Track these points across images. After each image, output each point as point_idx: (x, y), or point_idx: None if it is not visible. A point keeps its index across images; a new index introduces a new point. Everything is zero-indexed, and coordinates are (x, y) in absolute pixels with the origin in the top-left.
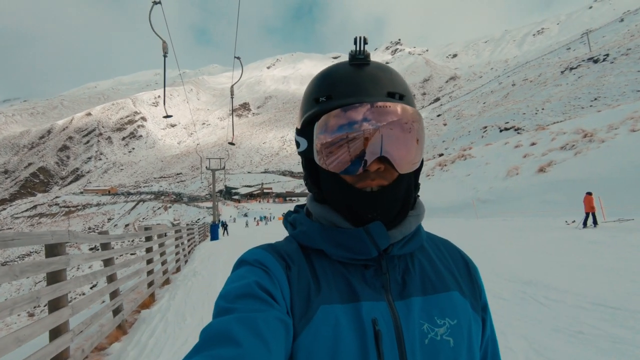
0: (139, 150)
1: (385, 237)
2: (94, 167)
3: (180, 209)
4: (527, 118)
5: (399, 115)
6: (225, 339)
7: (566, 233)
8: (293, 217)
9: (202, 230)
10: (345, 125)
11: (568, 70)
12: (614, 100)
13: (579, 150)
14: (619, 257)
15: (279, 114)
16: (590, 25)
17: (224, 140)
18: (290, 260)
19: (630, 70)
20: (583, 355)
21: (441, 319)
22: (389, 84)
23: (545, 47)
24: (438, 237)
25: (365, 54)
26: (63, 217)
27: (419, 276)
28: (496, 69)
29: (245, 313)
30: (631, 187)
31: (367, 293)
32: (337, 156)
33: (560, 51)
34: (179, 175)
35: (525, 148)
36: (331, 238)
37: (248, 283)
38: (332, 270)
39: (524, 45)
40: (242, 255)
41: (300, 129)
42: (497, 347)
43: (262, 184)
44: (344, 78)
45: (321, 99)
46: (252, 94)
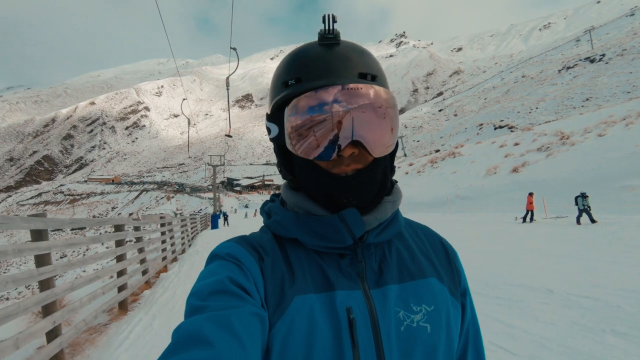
0: (142, 140)
1: (361, 224)
2: (98, 156)
3: (182, 199)
4: (521, 117)
5: (371, 97)
6: (197, 340)
7: (503, 227)
8: (269, 206)
9: (204, 219)
10: (316, 108)
11: (565, 69)
12: (605, 101)
13: (551, 153)
14: (517, 244)
15: None
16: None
17: (225, 131)
18: (264, 251)
19: (623, 71)
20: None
21: (417, 305)
22: (361, 64)
23: (550, 42)
24: (417, 223)
25: (335, 32)
26: (68, 205)
27: (396, 263)
28: (500, 63)
29: (217, 311)
30: (583, 188)
31: (342, 282)
32: (309, 141)
33: (564, 47)
34: (181, 165)
35: (509, 148)
36: (305, 226)
37: (220, 279)
38: (307, 260)
39: (530, 40)
40: (215, 249)
41: (271, 115)
42: (479, 332)
43: (263, 175)
44: (313, 59)
45: (290, 82)
46: (255, 85)
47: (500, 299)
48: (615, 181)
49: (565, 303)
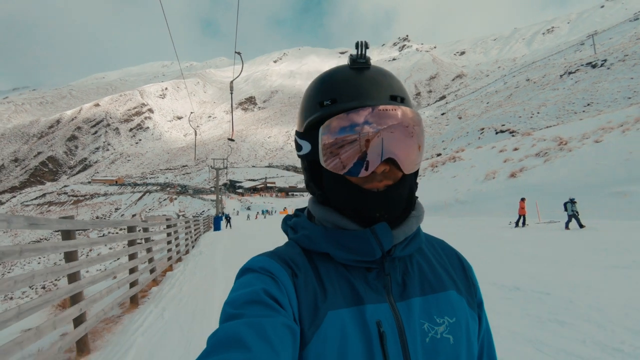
0: (146, 141)
1: (390, 238)
2: (102, 157)
3: (185, 201)
4: (523, 121)
5: (402, 117)
6: (234, 343)
7: (495, 231)
8: (294, 220)
9: (207, 221)
10: (352, 128)
11: (567, 74)
12: (606, 107)
13: (548, 158)
14: (503, 248)
15: (284, 109)
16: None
17: (229, 133)
18: (296, 267)
19: (624, 77)
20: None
21: (440, 317)
22: (390, 88)
23: (553, 46)
24: (434, 237)
25: (366, 58)
26: (72, 205)
27: (418, 277)
28: (503, 67)
29: (253, 318)
30: (577, 194)
31: (370, 295)
32: (344, 159)
33: (567, 52)
34: (184, 167)
35: (508, 153)
36: (335, 240)
37: (255, 290)
38: (335, 274)
39: (533, 44)
40: (247, 263)
41: (303, 132)
42: (492, 342)
43: (265, 178)
44: (346, 81)
45: (325, 103)
46: (258, 87)
47: None
48: (609, 187)
49: (527, 298)
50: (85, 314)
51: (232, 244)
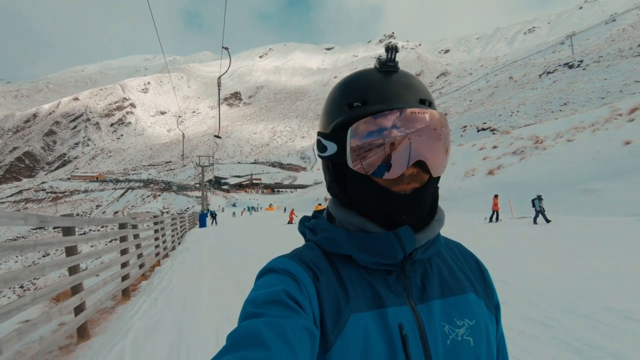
0: (128, 137)
1: (413, 241)
2: (82, 153)
3: (169, 198)
4: (503, 119)
5: (431, 121)
6: (254, 341)
7: (469, 226)
8: (313, 222)
9: (192, 218)
10: (383, 130)
11: (545, 74)
12: (581, 106)
13: (524, 156)
14: (473, 240)
15: (270, 105)
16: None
17: (213, 129)
18: (318, 270)
19: (599, 77)
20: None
21: (460, 320)
22: (419, 91)
23: (534, 46)
24: (451, 240)
25: (395, 61)
26: (50, 202)
27: (437, 279)
28: (486, 66)
29: (273, 318)
30: (549, 191)
31: (391, 298)
32: (374, 161)
33: (547, 52)
34: (168, 163)
35: (487, 151)
36: (358, 243)
37: (276, 290)
38: (357, 276)
39: (515, 44)
40: (269, 263)
41: (329, 133)
42: (505, 343)
43: (251, 174)
44: (376, 84)
45: (355, 104)
46: (244, 83)
47: None
48: (578, 184)
49: None
50: (84, 303)
51: (218, 241)
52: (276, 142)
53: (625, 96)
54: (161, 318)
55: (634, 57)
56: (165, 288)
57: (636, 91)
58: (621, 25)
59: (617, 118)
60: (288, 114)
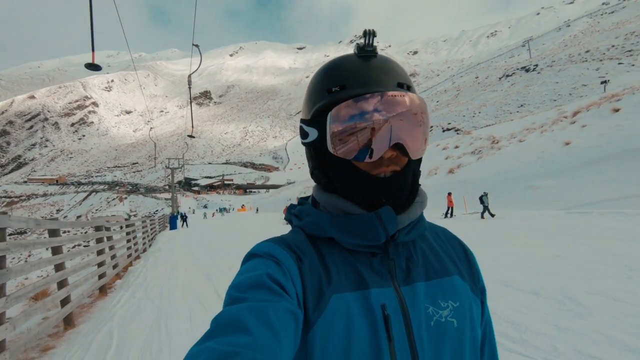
0: (90, 137)
1: (394, 222)
2: (39, 154)
3: (136, 200)
4: (466, 120)
5: (409, 104)
6: (236, 327)
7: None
8: (298, 208)
9: (162, 221)
10: (361, 114)
11: (504, 77)
12: (536, 108)
13: (481, 156)
14: None
15: (241, 104)
16: (536, 31)
17: (182, 129)
18: (301, 252)
19: (551, 80)
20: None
21: (444, 301)
22: (397, 75)
23: (495, 49)
24: (436, 225)
25: (373, 46)
26: (4, 207)
27: (422, 262)
28: (452, 67)
29: (256, 302)
30: (500, 188)
31: (374, 280)
32: (353, 145)
33: (507, 55)
34: (135, 165)
35: (450, 150)
36: (341, 225)
37: (259, 274)
38: (340, 259)
39: (479, 46)
40: (253, 248)
41: (310, 119)
42: (492, 328)
43: (223, 175)
44: (355, 68)
45: (334, 89)
46: (214, 82)
47: None
48: (525, 182)
49: None
50: (70, 296)
51: (190, 241)
52: (248, 142)
53: (574, 99)
54: (140, 306)
55: (582, 62)
56: (142, 284)
57: (583, 94)
58: (573, 31)
59: (562, 120)
60: (260, 114)
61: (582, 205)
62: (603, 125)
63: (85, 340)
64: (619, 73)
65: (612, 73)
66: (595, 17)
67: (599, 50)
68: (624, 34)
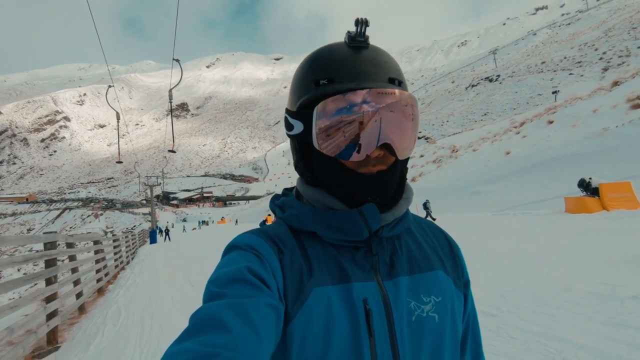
0: (62, 153)
1: (378, 219)
2: (7, 172)
3: (113, 216)
4: (436, 129)
5: (400, 102)
6: (215, 325)
7: None
8: (282, 200)
9: (142, 235)
10: (349, 110)
11: (471, 87)
12: (497, 116)
13: (440, 164)
14: None
15: (219, 115)
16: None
17: (160, 142)
18: (282, 244)
19: (512, 90)
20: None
21: (427, 296)
22: (389, 69)
23: (465, 59)
24: (422, 218)
25: (365, 36)
26: None
27: (406, 256)
28: (426, 76)
29: (235, 299)
30: (451, 194)
31: (357, 274)
32: (339, 142)
33: (476, 65)
34: (110, 180)
35: (416, 160)
36: (323, 220)
37: (239, 268)
38: (323, 252)
39: (450, 55)
40: (233, 240)
41: (296, 112)
42: (477, 320)
43: (202, 187)
44: (345, 60)
45: (322, 82)
46: (191, 94)
47: None
48: (471, 188)
49: None
50: (82, 291)
51: (169, 252)
52: (227, 153)
53: (531, 107)
54: (135, 295)
55: (538, 72)
56: (132, 284)
57: (538, 103)
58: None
59: (511, 130)
60: (238, 125)
61: (510, 207)
62: (538, 136)
63: (102, 313)
64: (570, 83)
65: (564, 83)
66: (554, 28)
67: (553, 61)
68: (578, 45)
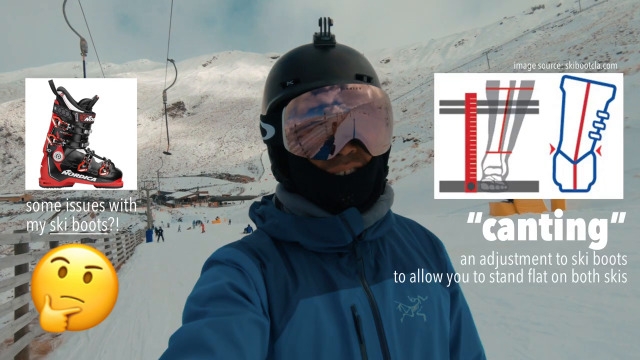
0: None
1: (360, 223)
2: (2, 171)
3: (109, 216)
4: (424, 131)
5: (368, 97)
6: (197, 346)
7: None
8: (262, 208)
9: (138, 235)
10: (316, 109)
11: None
12: None
13: (415, 169)
14: None
15: (216, 115)
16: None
17: (156, 141)
18: (265, 256)
19: None
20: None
21: (413, 297)
22: (357, 66)
23: (462, 58)
24: (403, 217)
25: (330, 35)
26: None
27: (390, 258)
28: (422, 75)
29: (218, 317)
30: (421, 197)
31: (343, 281)
32: (308, 141)
33: (471, 65)
34: None
35: (397, 163)
36: (305, 229)
37: (220, 284)
38: (307, 262)
39: (447, 55)
40: (213, 254)
41: (267, 116)
42: (470, 315)
43: (197, 187)
44: (310, 60)
45: (288, 83)
46: (187, 93)
47: None
48: (431, 192)
49: None
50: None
51: (163, 249)
52: (223, 152)
53: None
54: (139, 273)
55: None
56: (134, 269)
57: None
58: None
59: None
60: (235, 124)
61: (458, 209)
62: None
63: (122, 280)
64: None
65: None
66: (547, 30)
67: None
68: (568, 48)
